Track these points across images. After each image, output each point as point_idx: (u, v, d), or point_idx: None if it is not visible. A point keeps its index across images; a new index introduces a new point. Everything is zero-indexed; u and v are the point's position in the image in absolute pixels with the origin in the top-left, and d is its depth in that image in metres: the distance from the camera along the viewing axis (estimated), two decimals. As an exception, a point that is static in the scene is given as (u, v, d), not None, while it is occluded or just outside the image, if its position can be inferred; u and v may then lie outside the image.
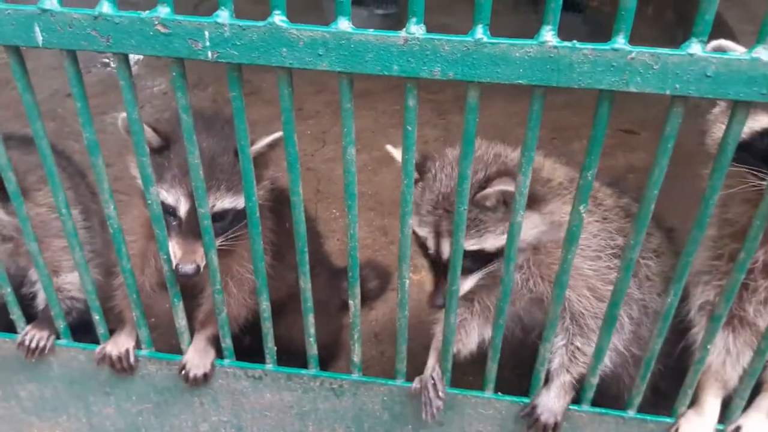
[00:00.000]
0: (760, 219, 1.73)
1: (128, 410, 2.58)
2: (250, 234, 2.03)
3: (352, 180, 1.89)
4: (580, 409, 2.25)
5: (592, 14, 6.82)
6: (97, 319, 2.37)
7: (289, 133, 1.82)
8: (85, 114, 1.89)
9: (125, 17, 1.65)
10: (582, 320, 2.21)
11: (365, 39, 1.60)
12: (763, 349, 1.98)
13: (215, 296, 2.19)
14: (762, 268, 2.04)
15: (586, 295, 2.19)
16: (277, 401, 2.46)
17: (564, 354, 2.26)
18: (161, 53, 1.69)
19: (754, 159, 1.86)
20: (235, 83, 1.75)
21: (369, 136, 4.92)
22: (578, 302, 2.19)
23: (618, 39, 1.52)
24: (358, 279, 2.10)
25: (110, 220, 2.08)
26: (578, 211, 1.81)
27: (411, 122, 1.74)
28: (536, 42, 1.53)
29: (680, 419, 2.18)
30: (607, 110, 1.62)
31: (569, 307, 2.21)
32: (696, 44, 1.50)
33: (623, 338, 2.27)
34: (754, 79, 1.51)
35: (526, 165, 1.75)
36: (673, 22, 6.22)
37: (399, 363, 2.28)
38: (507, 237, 1.91)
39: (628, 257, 1.87)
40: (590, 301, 2.19)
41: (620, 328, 2.25)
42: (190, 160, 1.90)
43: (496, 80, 1.60)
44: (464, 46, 1.57)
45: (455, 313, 2.10)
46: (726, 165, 1.67)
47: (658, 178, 1.71)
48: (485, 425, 2.35)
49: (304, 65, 1.65)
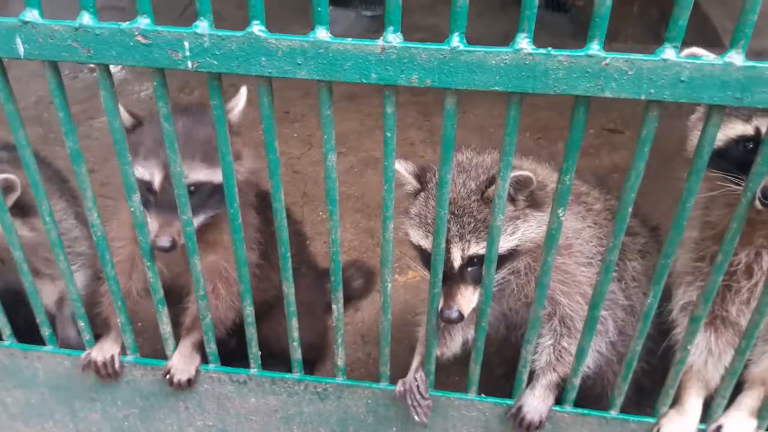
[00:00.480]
0: (736, 222, 1.76)
1: (114, 415, 2.59)
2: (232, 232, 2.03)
3: (333, 186, 1.90)
4: (562, 409, 2.27)
5: (578, 14, 6.86)
6: (82, 326, 2.38)
7: (269, 140, 1.83)
8: (67, 123, 1.90)
9: (105, 28, 1.66)
10: (571, 322, 2.22)
11: (343, 48, 1.61)
12: (743, 349, 2.00)
13: (199, 302, 2.20)
14: (744, 269, 2.06)
15: (578, 301, 2.20)
16: (262, 405, 2.47)
17: (551, 353, 2.27)
18: (142, 63, 1.70)
19: (730, 165, 1.89)
20: (215, 92, 1.77)
21: (355, 139, 4.94)
22: (569, 307, 2.20)
23: (592, 45, 1.54)
24: (341, 283, 2.11)
25: (94, 228, 2.09)
26: (557, 215, 1.83)
27: (390, 128, 1.76)
28: (511, 49, 1.55)
29: (662, 419, 2.20)
30: (583, 115, 1.64)
31: (559, 310, 2.23)
32: (670, 49, 1.52)
33: (606, 341, 2.29)
34: (728, 84, 1.53)
35: (505, 170, 1.77)
36: (657, 19, 6.25)
37: (383, 366, 2.30)
38: (488, 239, 1.92)
39: (607, 259, 1.89)
40: (581, 306, 2.20)
41: (604, 332, 2.27)
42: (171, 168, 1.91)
43: (473, 87, 1.61)
44: (441, 54, 1.59)
45: (436, 316, 2.11)
46: (702, 168, 1.69)
47: (635, 182, 1.73)
48: (469, 427, 2.37)
49: (283, 74, 1.67)
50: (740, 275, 2.05)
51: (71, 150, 1.93)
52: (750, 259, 2.02)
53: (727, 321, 2.15)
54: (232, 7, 5.33)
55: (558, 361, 2.26)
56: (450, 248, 2.03)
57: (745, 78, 1.51)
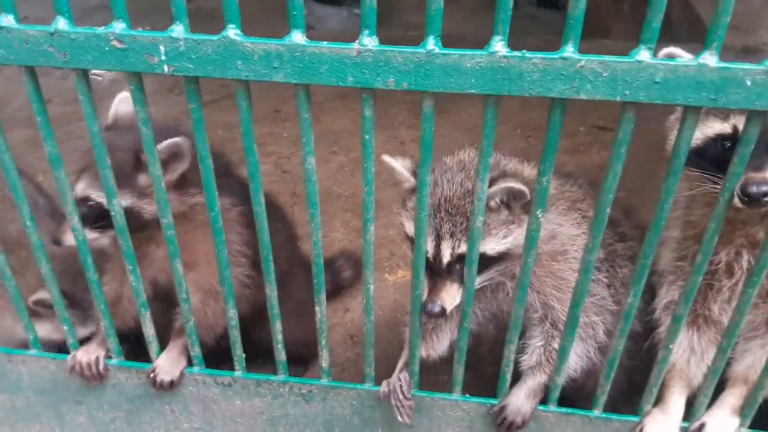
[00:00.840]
0: (715, 222, 1.76)
1: (100, 419, 2.59)
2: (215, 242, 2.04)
3: (312, 189, 1.91)
4: (546, 409, 2.27)
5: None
6: (65, 330, 2.38)
7: (248, 144, 1.83)
8: (45, 128, 1.90)
9: (81, 33, 1.66)
10: (563, 326, 2.23)
11: (319, 51, 1.61)
12: (725, 347, 2.01)
13: (182, 305, 2.20)
14: (725, 268, 2.07)
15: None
16: (247, 407, 2.47)
17: (542, 354, 2.28)
18: (118, 68, 1.70)
19: (708, 164, 1.89)
20: (192, 95, 1.76)
21: (347, 138, 4.94)
22: (562, 312, 2.19)
23: (567, 48, 1.54)
24: (323, 285, 2.12)
25: (75, 232, 2.09)
26: (536, 216, 1.83)
27: (368, 131, 1.76)
28: (486, 52, 1.55)
29: (645, 418, 2.21)
30: (559, 117, 1.64)
31: (551, 314, 2.23)
32: (644, 51, 1.53)
33: (594, 346, 2.30)
34: (702, 85, 1.53)
35: (483, 172, 1.77)
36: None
37: (367, 367, 2.30)
38: (468, 241, 1.93)
39: (586, 259, 1.89)
40: None
41: (593, 337, 2.28)
42: (151, 171, 1.91)
43: (449, 90, 1.61)
44: (416, 57, 1.59)
45: (419, 317, 2.11)
46: (679, 169, 1.69)
47: (612, 183, 1.73)
48: (454, 427, 2.37)
49: (260, 77, 1.67)
50: (721, 274, 2.06)
51: (50, 154, 1.94)
52: (730, 258, 2.02)
53: (710, 320, 2.16)
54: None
55: (548, 362, 2.26)
56: (440, 244, 2.04)
57: (719, 79, 1.52)
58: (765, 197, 1.75)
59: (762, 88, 1.51)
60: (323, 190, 4.31)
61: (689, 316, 2.11)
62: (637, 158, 3.78)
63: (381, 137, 4.83)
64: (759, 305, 2.06)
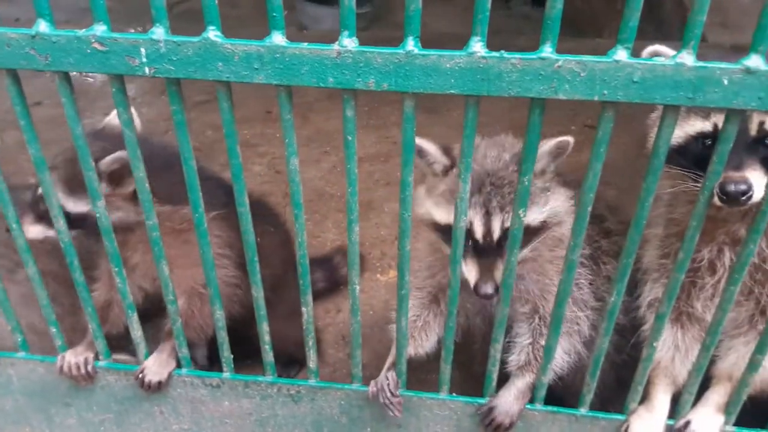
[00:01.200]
0: (696, 220, 1.77)
1: (90, 420, 2.59)
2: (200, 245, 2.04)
3: (297, 189, 1.91)
4: (533, 407, 2.28)
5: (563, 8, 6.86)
6: (53, 332, 2.38)
7: (231, 145, 1.83)
8: (29, 131, 1.90)
9: (62, 36, 1.67)
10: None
11: (299, 52, 1.62)
12: (708, 345, 2.01)
13: (168, 306, 2.21)
14: (708, 266, 2.07)
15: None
16: (236, 409, 2.47)
17: (530, 352, 2.28)
18: (99, 70, 1.71)
19: (689, 162, 1.90)
20: (174, 97, 1.77)
21: (338, 138, 4.86)
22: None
23: (545, 48, 1.54)
24: (309, 286, 2.12)
25: (60, 234, 2.09)
26: (518, 216, 1.83)
27: (351, 132, 1.77)
28: (465, 53, 1.56)
29: (631, 416, 2.22)
30: (538, 117, 1.65)
31: (543, 308, 2.24)
32: (622, 51, 1.53)
33: (579, 340, 2.30)
34: (680, 84, 1.54)
35: (465, 172, 1.78)
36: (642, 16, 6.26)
37: (354, 368, 2.31)
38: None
39: (569, 258, 1.90)
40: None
41: (578, 333, 2.29)
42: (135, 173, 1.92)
43: (429, 91, 1.62)
44: (396, 57, 1.59)
45: (406, 316, 2.12)
46: (659, 168, 1.70)
47: (593, 182, 1.74)
48: (441, 426, 2.38)
49: (241, 79, 1.67)
50: (704, 272, 2.07)
51: (35, 157, 1.94)
52: (713, 256, 2.03)
53: (693, 317, 2.16)
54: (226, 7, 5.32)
55: (536, 360, 2.26)
56: (491, 220, 2.00)
57: (697, 78, 1.52)
58: (743, 196, 1.76)
59: (739, 86, 1.52)
60: (315, 191, 4.35)
61: (673, 313, 2.12)
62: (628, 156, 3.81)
63: (372, 137, 4.86)
64: (742, 303, 2.07)
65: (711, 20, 5.66)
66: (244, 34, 1.70)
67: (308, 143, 4.79)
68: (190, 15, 7.39)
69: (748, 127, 1.81)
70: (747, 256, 1.79)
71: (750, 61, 1.49)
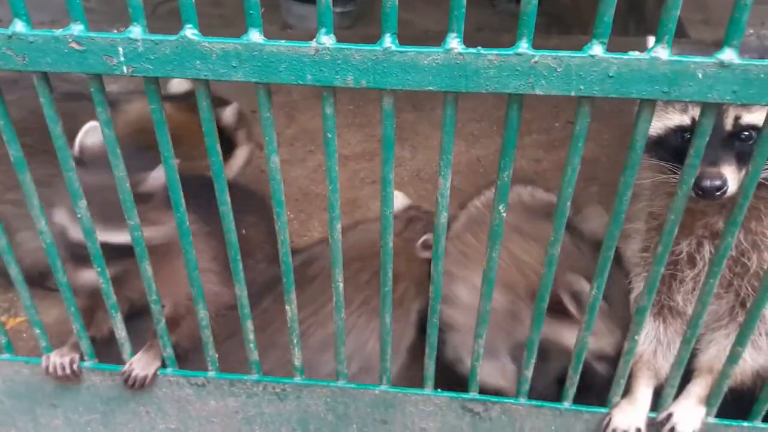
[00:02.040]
0: (674, 213, 1.78)
1: (76, 421, 2.59)
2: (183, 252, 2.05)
3: (277, 188, 1.91)
4: (517, 402, 2.29)
5: (548, 5, 6.89)
6: (38, 333, 2.38)
7: (211, 144, 1.83)
8: (9, 132, 1.90)
9: (39, 36, 1.66)
10: None
11: (277, 50, 1.62)
12: (689, 338, 2.03)
13: (151, 306, 2.21)
14: (687, 259, 2.10)
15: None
16: (222, 407, 2.47)
17: None
18: (77, 70, 1.70)
19: (668, 155, 1.92)
20: (153, 96, 1.77)
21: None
22: None
23: (521, 44, 1.55)
24: (293, 285, 2.12)
25: (42, 235, 2.09)
26: (499, 212, 1.84)
27: (330, 130, 1.78)
28: (442, 49, 1.57)
29: (614, 409, 2.23)
30: (516, 113, 1.66)
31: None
32: (597, 46, 1.54)
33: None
34: (655, 78, 1.55)
35: (445, 169, 1.78)
36: (624, 10, 6.30)
37: (339, 365, 2.31)
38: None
39: (549, 252, 1.91)
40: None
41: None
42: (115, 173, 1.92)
43: (407, 87, 1.63)
44: (374, 54, 1.60)
45: (390, 313, 2.13)
46: (637, 162, 1.71)
47: (572, 177, 1.75)
48: (427, 421, 2.39)
49: (220, 77, 1.67)
50: (684, 265, 2.09)
51: (15, 158, 1.93)
52: (692, 249, 2.05)
53: (675, 310, 2.18)
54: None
55: None
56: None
57: (672, 72, 1.53)
58: (718, 192, 1.78)
59: (713, 80, 1.53)
60: (300, 190, 4.35)
61: (654, 307, 2.14)
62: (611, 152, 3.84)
63: (358, 135, 4.85)
64: (722, 295, 2.09)
65: (694, 17, 5.68)
66: (227, 33, 1.70)
67: (293, 142, 4.78)
68: (175, 15, 7.36)
69: (724, 122, 1.83)
70: (725, 249, 1.80)
71: (724, 55, 1.50)
